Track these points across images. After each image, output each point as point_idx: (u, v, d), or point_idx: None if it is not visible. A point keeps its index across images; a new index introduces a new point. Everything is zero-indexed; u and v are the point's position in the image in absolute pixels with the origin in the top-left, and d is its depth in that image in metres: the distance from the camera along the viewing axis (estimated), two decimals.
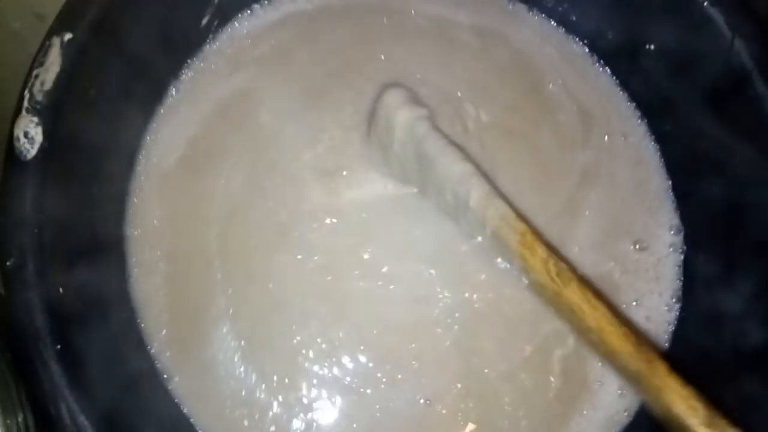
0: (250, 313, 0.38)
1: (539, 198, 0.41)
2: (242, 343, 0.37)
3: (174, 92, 0.41)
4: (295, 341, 0.37)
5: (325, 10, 0.44)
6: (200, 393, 0.37)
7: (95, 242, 0.36)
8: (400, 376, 0.37)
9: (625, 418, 0.38)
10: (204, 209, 0.39)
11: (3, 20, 0.45)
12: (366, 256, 0.39)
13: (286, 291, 0.38)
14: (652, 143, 0.43)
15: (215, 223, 0.39)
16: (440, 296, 0.39)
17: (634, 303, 0.40)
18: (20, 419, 0.29)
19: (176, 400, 0.36)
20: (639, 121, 0.44)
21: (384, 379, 0.37)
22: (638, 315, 0.40)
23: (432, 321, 0.38)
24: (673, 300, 0.40)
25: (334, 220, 0.39)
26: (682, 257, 0.41)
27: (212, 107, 0.41)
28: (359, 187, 0.40)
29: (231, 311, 0.38)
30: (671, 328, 0.40)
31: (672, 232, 0.41)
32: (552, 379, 0.38)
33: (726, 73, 0.38)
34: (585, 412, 0.38)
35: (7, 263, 0.30)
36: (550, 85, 0.44)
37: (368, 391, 0.37)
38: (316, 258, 0.39)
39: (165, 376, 0.37)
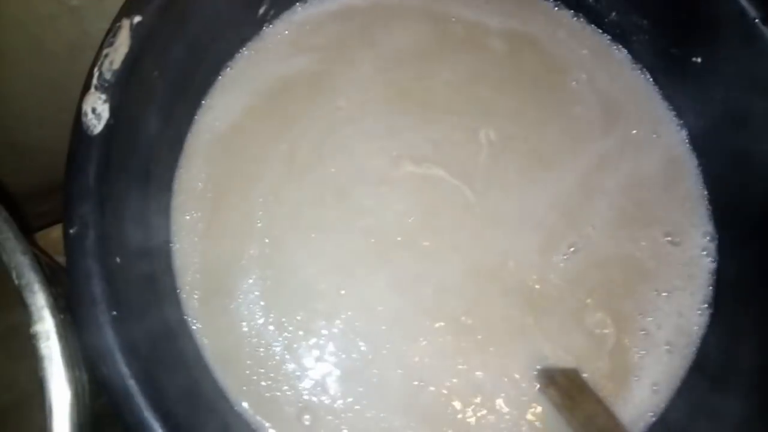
0: (282, 261, 0.40)
1: (547, 175, 0.42)
2: (267, 288, 0.39)
3: (230, 71, 0.43)
4: (319, 291, 0.40)
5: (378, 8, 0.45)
6: (227, 355, 0.39)
7: (147, 214, 0.37)
8: (406, 344, 0.39)
9: (649, 417, 0.39)
10: (256, 170, 0.41)
11: None
12: (411, 229, 0.41)
13: (327, 243, 0.40)
14: (690, 151, 0.44)
15: (266, 181, 0.41)
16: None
17: (665, 294, 0.41)
18: (77, 375, 0.31)
19: (207, 361, 0.38)
20: (678, 128, 0.44)
21: (387, 345, 0.39)
22: (670, 307, 0.41)
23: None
24: (705, 305, 0.41)
25: (390, 189, 0.41)
26: (714, 265, 0.42)
27: (275, 82, 0.43)
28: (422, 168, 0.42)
29: (262, 260, 0.40)
30: (701, 331, 0.40)
31: (707, 239, 0.42)
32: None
33: None
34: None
35: (71, 231, 0.32)
36: (573, 83, 0.45)
37: (382, 352, 0.39)
38: (364, 220, 0.41)
39: (198, 338, 0.39)
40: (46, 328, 0.28)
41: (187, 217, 0.40)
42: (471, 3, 0.46)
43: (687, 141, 0.44)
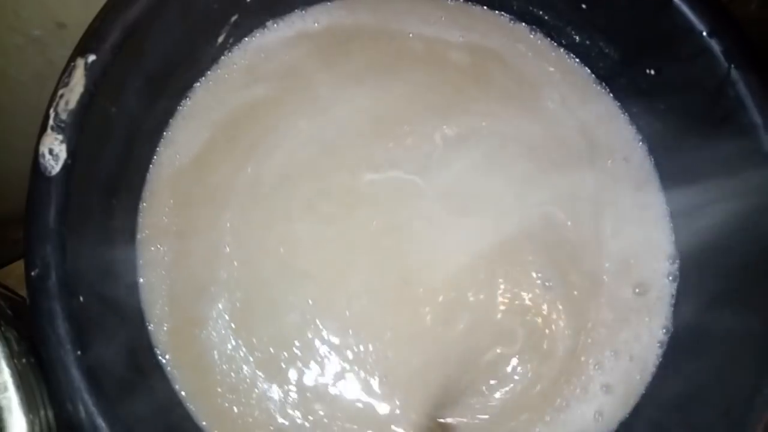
0: (251, 281, 0.41)
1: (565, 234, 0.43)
2: (236, 310, 0.40)
3: (189, 102, 0.43)
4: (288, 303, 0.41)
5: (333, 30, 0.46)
6: (198, 385, 0.39)
7: (111, 251, 0.38)
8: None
9: None
10: (222, 197, 0.42)
11: (25, 28, 0.46)
12: (374, 232, 0.42)
13: (295, 256, 0.41)
14: (652, 166, 0.45)
15: (233, 206, 0.42)
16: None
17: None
18: (42, 416, 0.31)
19: (179, 393, 0.39)
20: (639, 143, 0.45)
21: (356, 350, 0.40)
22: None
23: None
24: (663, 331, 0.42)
25: (355, 199, 0.42)
26: (675, 285, 0.43)
27: (235, 110, 0.43)
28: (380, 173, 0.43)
29: (231, 283, 0.40)
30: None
31: (669, 262, 0.43)
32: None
33: (721, 102, 0.40)
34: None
35: (32, 273, 0.32)
36: (549, 102, 0.45)
37: (350, 358, 0.40)
38: (331, 230, 0.42)
39: (169, 371, 0.39)
40: (4, 379, 0.28)
41: (153, 249, 0.40)
42: (428, 18, 0.47)
43: (648, 155, 0.45)
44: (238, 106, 0.43)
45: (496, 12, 0.47)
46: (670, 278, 0.43)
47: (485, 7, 0.47)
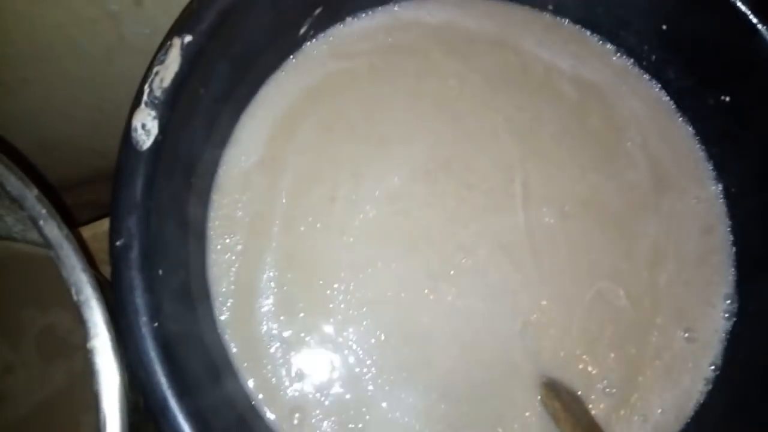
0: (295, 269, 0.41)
1: (620, 281, 0.43)
2: (285, 293, 0.41)
3: (269, 85, 0.44)
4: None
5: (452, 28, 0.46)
6: (250, 356, 0.40)
7: (186, 228, 0.39)
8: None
9: None
10: (279, 182, 0.42)
11: (103, 1, 0.47)
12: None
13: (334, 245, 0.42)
14: (724, 207, 0.45)
15: (284, 196, 0.42)
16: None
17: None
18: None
19: (235, 367, 0.40)
20: (714, 182, 0.45)
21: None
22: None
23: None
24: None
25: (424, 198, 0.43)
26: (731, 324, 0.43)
27: (301, 97, 0.44)
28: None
29: (282, 265, 0.41)
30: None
31: (725, 315, 0.43)
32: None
33: None
34: None
35: (117, 243, 0.33)
36: (629, 143, 0.45)
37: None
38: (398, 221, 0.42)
39: (227, 344, 0.40)
40: (103, 344, 0.29)
41: (227, 240, 0.41)
42: (544, 41, 0.47)
43: (721, 195, 0.45)
44: (316, 93, 0.44)
45: (594, 36, 0.48)
46: (726, 315, 0.43)
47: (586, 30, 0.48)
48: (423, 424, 0.40)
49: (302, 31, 0.44)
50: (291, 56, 0.45)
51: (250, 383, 0.40)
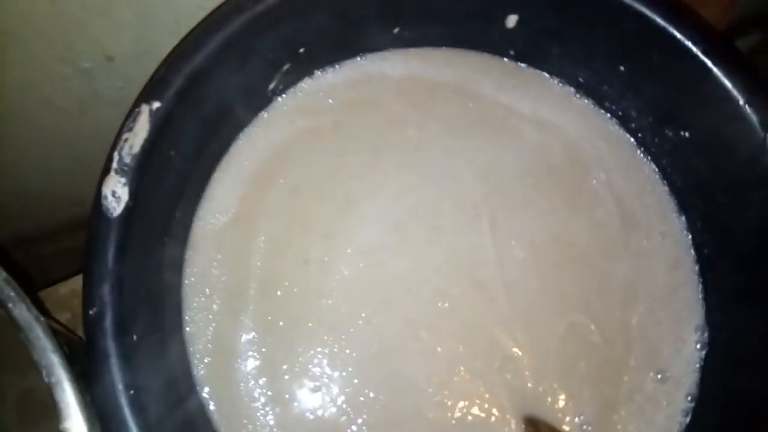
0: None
1: (592, 316, 0.44)
2: (266, 345, 0.41)
3: (240, 142, 0.45)
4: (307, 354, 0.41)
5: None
6: (230, 414, 0.40)
7: (160, 289, 0.39)
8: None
9: None
10: (254, 247, 0.43)
11: (74, 60, 0.48)
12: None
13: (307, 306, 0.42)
14: (689, 239, 0.46)
15: (258, 259, 0.43)
16: None
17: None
18: None
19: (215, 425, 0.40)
20: (677, 215, 0.46)
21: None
22: None
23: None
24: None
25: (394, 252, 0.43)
26: (704, 353, 0.44)
27: (270, 156, 0.45)
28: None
29: (261, 317, 0.42)
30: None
31: (697, 346, 0.44)
32: None
33: (757, 169, 0.41)
34: None
35: (90, 312, 0.33)
36: (594, 181, 0.46)
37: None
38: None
39: (206, 402, 0.40)
40: (75, 425, 0.29)
41: (202, 299, 0.42)
42: (503, 85, 0.48)
43: (686, 228, 0.46)
44: (287, 148, 0.45)
45: (555, 80, 0.49)
46: (698, 346, 0.44)
47: (545, 74, 0.49)
48: None
49: (271, 86, 0.45)
50: (262, 111, 0.45)
51: None
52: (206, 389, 0.40)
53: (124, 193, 0.35)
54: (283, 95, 0.46)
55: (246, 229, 0.43)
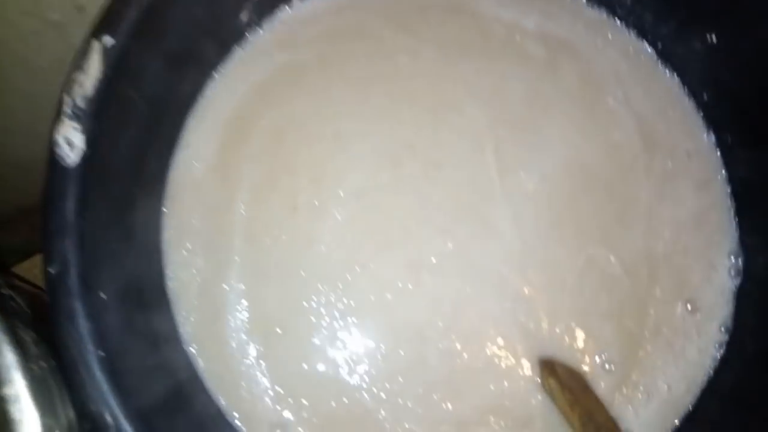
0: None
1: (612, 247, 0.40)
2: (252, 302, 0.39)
3: (214, 82, 0.41)
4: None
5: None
6: (221, 373, 0.38)
7: (134, 245, 0.36)
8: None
9: None
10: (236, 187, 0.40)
11: (42, 12, 0.45)
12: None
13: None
14: (718, 157, 0.41)
15: (243, 208, 0.39)
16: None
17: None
18: (63, 420, 0.30)
19: (205, 384, 0.38)
20: (705, 132, 0.41)
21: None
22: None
23: None
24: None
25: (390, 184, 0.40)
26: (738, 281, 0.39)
27: (250, 95, 0.41)
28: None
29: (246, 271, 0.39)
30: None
31: (731, 272, 0.40)
32: None
33: None
34: None
35: (51, 270, 0.31)
36: (610, 100, 0.42)
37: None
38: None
39: (196, 361, 0.38)
40: (16, 390, 0.27)
41: (184, 253, 0.39)
42: (503, 1, 0.43)
43: (715, 146, 0.41)
44: (262, 81, 0.41)
45: None
46: (732, 273, 0.39)
47: None
48: (428, 427, 0.38)
49: (243, 18, 0.41)
50: (236, 46, 0.41)
51: (222, 401, 0.37)
52: (194, 346, 0.38)
53: (79, 141, 0.32)
54: (259, 28, 0.42)
55: (227, 176, 0.40)
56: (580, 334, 0.39)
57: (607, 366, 0.38)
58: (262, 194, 0.40)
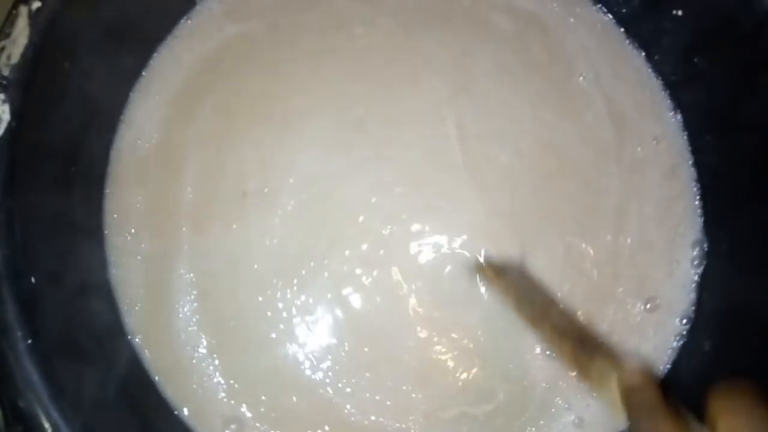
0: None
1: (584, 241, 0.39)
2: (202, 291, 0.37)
3: (159, 55, 0.39)
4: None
5: None
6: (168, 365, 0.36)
7: (72, 228, 0.34)
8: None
9: None
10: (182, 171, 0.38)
11: None
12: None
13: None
14: (685, 141, 0.40)
15: (190, 191, 0.37)
16: None
17: None
18: None
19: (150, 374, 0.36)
20: (672, 114, 0.40)
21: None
22: None
23: None
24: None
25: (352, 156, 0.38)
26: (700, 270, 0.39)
27: (197, 69, 0.39)
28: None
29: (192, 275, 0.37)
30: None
31: (694, 263, 0.39)
32: None
33: (760, 45, 0.35)
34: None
35: None
36: (581, 79, 0.40)
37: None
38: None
39: (141, 355, 0.36)
40: None
41: (128, 238, 0.37)
42: None
43: (682, 129, 0.40)
44: (220, 47, 0.39)
45: None
46: (695, 263, 0.39)
47: None
48: (396, 418, 0.36)
49: None
50: (184, 18, 0.39)
51: (170, 395, 0.35)
52: (139, 337, 0.35)
53: (4, 112, 0.29)
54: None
55: (173, 157, 0.38)
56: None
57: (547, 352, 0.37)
58: (210, 178, 0.37)
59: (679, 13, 0.39)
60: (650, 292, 0.38)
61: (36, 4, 0.30)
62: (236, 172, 0.38)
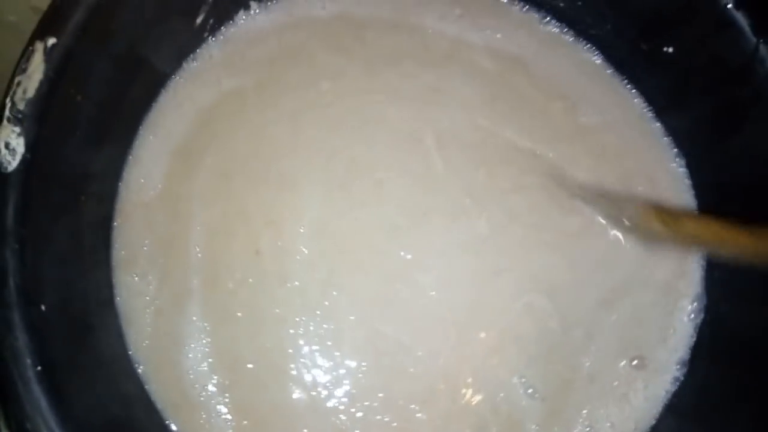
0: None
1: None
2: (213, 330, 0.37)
3: (165, 94, 0.40)
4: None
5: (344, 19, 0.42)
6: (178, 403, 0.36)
7: (81, 258, 0.34)
8: None
9: None
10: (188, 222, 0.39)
11: None
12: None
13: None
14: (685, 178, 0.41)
15: (199, 251, 0.38)
16: None
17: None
18: None
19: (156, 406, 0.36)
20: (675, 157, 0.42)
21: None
22: None
23: None
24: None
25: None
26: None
27: (196, 122, 0.40)
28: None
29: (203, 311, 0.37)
30: None
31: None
32: None
33: (749, 81, 0.36)
34: None
35: None
36: (583, 118, 0.42)
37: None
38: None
39: (147, 387, 0.36)
40: None
41: (135, 278, 0.37)
42: (446, 16, 0.43)
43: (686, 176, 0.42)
44: (214, 100, 0.40)
45: (514, 6, 0.44)
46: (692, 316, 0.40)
47: None
48: None
49: (198, 20, 0.40)
50: (190, 57, 0.41)
51: (177, 428, 0.36)
52: (143, 368, 0.36)
53: (19, 144, 0.30)
54: (212, 38, 0.41)
55: (178, 212, 0.38)
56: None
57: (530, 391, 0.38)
58: (218, 239, 0.38)
59: (670, 50, 0.40)
60: (637, 352, 0.39)
61: (51, 41, 0.31)
62: (245, 234, 0.39)
